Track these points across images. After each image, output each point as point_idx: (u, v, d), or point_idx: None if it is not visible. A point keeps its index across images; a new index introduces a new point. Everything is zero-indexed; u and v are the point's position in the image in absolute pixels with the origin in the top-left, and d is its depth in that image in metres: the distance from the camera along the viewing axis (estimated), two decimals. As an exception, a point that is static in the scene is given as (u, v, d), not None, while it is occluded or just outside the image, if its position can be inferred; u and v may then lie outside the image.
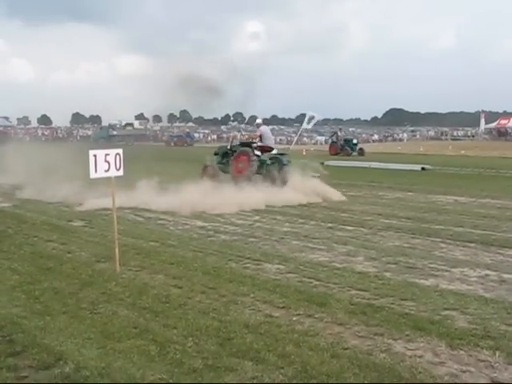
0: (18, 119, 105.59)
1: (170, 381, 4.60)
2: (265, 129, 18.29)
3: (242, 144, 18.14)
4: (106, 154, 7.98)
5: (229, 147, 18.36)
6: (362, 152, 43.91)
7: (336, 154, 42.69)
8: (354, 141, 46.52)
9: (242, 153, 17.35)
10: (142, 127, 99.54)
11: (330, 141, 49.93)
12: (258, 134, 17.88)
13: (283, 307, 6.44)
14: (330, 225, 11.93)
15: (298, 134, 16.92)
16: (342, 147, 44.24)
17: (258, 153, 17.48)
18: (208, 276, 7.68)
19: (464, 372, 4.85)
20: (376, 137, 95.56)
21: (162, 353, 5.12)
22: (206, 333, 5.59)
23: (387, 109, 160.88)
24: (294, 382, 4.62)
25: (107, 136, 66.67)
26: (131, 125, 76.33)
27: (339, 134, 46.60)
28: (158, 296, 6.79)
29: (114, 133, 68.42)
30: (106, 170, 7.96)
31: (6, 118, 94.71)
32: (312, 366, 4.84)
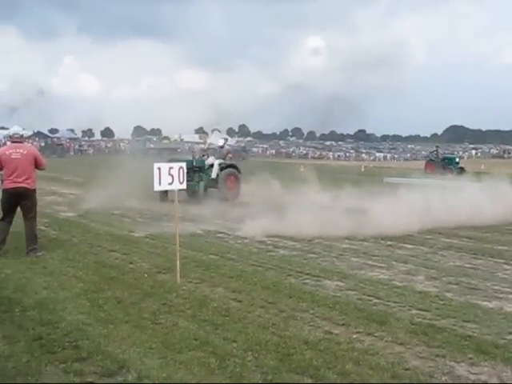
0: (83, 131, 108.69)
1: (230, 394, 4.65)
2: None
3: (228, 165, 19.57)
4: (170, 168, 8.15)
5: (194, 163, 19.09)
6: (461, 171, 38.33)
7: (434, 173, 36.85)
8: (457, 159, 42.33)
9: (232, 174, 19.36)
10: (202, 141, 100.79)
11: (427, 158, 45.92)
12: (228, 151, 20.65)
13: (343, 324, 6.41)
14: (389, 242, 11.79)
15: (206, 146, 16.93)
16: (444, 166, 39.73)
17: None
18: (267, 291, 7.71)
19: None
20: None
21: (221, 366, 5.17)
22: (266, 348, 5.61)
23: (447, 126, 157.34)
24: (354, 400, 4.60)
25: (144, 148, 66.57)
26: (167, 138, 76.20)
27: (440, 151, 42.41)
28: (217, 309, 6.86)
29: (151, 146, 68.44)
30: (170, 183, 8.14)
31: (72, 131, 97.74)
32: (372, 386, 4.81)
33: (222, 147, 20.27)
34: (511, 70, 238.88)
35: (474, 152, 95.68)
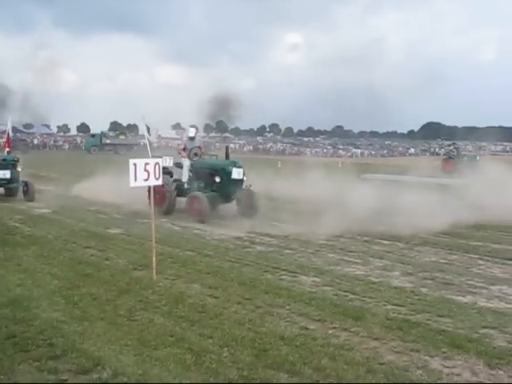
0: (58, 127, 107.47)
1: (206, 390, 4.65)
2: None
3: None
4: (146, 164, 8.09)
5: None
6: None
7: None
8: (477, 157, 39.66)
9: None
10: (179, 136, 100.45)
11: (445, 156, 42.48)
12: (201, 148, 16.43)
13: (319, 320, 6.44)
14: (365, 238, 11.85)
15: (148, 145, 15.44)
16: (465, 164, 35.09)
17: None
18: (244, 287, 7.71)
19: (503, 392, 4.78)
20: (412, 151, 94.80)
21: (197, 362, 5.17)
22: (242, 343, 5.62)
23: (424, 122, 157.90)
24: (330, 395, 4.62)
25: (100, 144, 65.90)
26: (124, 134, 74.93)
27: (460, 148, 40.10)
28: (194, 305, 6.85)
29: (107, 141, 67.60)
30: (146, 179, 8.08)
31: (47, 126, 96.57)
32: (347, 381, 4.84)
33: (192, 139, 15.96)
34: (488, 67, 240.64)
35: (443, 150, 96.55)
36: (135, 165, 7.97)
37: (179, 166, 15.56)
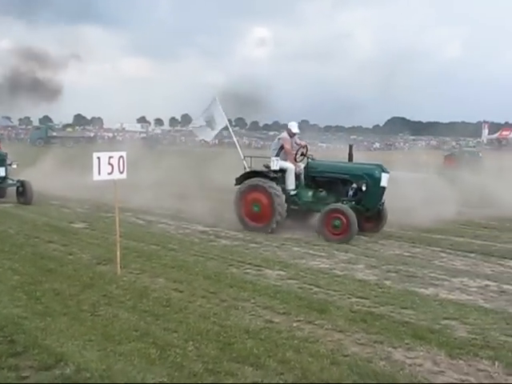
0: (20, 120, 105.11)
1: (171, 384, 4.62)
2: None
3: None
4: (110, 157, 7.99)
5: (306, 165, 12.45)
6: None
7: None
8: (480, 154, 39.91)
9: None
10: (144, 130, 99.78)
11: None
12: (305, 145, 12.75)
13: (284, 313, 6.46)
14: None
15: (234, 137, 14.02)
16: (466, 160, 35.76)
17: None
18: (209, 281, 7.69)
19: (463, 382, 4.87)
20: (377, 145, 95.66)
21: (162, 356, 5.14)
22: (207, 337, 5.61)
23: (389, 117, 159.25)
24: (294, 388, 4.64)
25: (45, 137, 63.91)
26: (71, 126, 73.89)
27: (462, 144, 40.22)
28: (158, 299, 6.80)
29: (54, 134, 66.14)
30: (110, 173, 7.97)
31: (8, 118, 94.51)
32: (312, 373, 4.86)
33: (293, 136, 12.57)
34: (452, 64, 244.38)
35: (424, 143, 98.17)
36: (99, 158, 7.87)
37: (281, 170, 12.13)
